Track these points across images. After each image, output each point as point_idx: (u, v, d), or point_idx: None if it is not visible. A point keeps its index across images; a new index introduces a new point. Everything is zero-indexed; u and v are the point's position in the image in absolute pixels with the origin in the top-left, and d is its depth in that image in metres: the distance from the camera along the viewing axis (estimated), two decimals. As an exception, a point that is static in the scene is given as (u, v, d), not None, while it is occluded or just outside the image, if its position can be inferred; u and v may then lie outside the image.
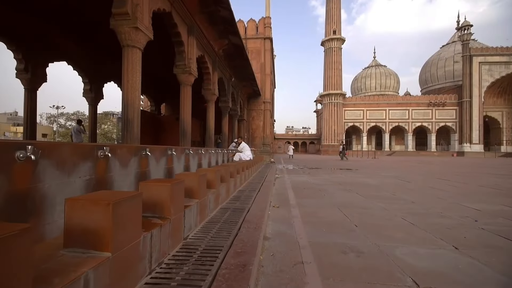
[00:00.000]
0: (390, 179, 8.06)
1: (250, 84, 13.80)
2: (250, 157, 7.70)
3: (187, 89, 6.12)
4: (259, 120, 16.53)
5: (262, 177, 7.23)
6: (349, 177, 8.62)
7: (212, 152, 6.05)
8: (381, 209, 3.90)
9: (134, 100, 4.14)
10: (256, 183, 6.05)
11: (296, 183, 6.98)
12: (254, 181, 6.38)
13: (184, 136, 6.14)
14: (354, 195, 5.11)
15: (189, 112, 6.20)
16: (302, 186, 6.29)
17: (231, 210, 3.30)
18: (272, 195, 4.99)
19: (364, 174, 9.55)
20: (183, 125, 6.15)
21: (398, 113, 46.77)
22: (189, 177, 2.59)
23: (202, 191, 2.67)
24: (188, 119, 6.21)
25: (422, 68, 58.27)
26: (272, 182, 6.48)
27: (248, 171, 6.53)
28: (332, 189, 5.89)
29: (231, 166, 4.65)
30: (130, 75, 4.05)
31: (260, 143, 16.47)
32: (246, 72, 11.60)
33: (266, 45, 16.58)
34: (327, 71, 48.11)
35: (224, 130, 10.73)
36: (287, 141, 64.21)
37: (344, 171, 11.27)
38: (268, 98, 16.73)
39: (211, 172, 3.26)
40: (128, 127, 4.18)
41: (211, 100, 8.48)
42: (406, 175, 9.27)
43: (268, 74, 16.80)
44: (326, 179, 7.83)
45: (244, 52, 9.08)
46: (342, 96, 47.64)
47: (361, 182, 7.24)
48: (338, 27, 47.52)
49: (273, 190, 5.62)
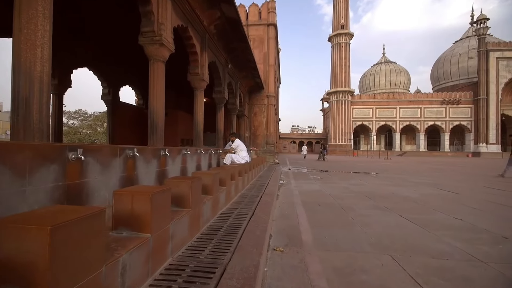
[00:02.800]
0: (429, 188, 6.26)
1: (251, 74, 12.07)
2: (246, 159, 6.01)
3: (157, 67, 4.46)
4: (262, 117, 14.79)
5: (262, 185, 5.52)
6: (373, 184, 6.85)
7: (188, 153, 4.38)
8: (472, 261, 2.16)
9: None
10: (252, 195, 4.34)
11: (306, 194, 5.25)
12: (250, 192, 4.67)
13: (155, 131, 4.49)
14: (399, 220, 3.36)
15: (161, 99, 4.55)
16: (315, 200, 4.56)
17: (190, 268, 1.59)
18: (273, 219, 3.28)
19: (390, 181, 7.76)
20: (153, 116, 4.50)
21: (409, 111, 44.51)
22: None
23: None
24: (160, 108, 4.55)
25: (434, 65, 55.77)
26: (275, 193, 4.76)
27: (242, 179, 4.83)
28: (360, 206, 4.14)
29: (208, 176, 2.99)
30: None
31: (263, 142, 14.72)
32: (245, 58, 9.88)
33: (270, 32, 14.81)
34: (335, 68, 46.12)
35: (218, 126, 9.03)
36: (292, 140, 62.35)
37: (361, 175, 9.48)
38: (272, 92, 14.97)
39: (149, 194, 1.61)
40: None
41: (199, 88, 6.80)
42: (443, 182, 7.45)
43: (272, 65, 15.03)
44: (345, 188, 6.08)
45: (241, 29, 7.38)
46: (350, 94, 45.60)
47: (394, 193, 5.48)
48: (346, 21, 45.48)
49: (276, 208, 3.91)
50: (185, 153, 4.37)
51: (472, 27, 50.26)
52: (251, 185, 5.64)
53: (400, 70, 53.73)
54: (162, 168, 3.56)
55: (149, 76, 4.56)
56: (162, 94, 4.63)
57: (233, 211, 3.27)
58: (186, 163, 4.47)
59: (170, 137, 11.49)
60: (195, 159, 4.91)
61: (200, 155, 4.85)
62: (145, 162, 3.04)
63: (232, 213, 3.16)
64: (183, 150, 4.40)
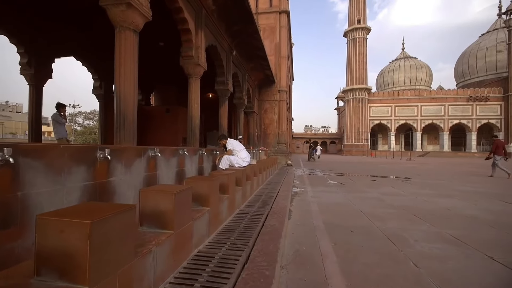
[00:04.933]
0: (489, 200, 4.75)
1: (260, 65, 10.76)
2: (247, 160, 4.70)
3: (126, 37, 3.25)
4: (273, 114, 13.43)
5: (270, 196, 4.22)
6: (412, 194, 5.38)
7: (185, 153, 3.17)
8: None
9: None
10: (254, 215, 3.06)
11: (329, 210, 3.90)
12: (251, 207, 3.38)
13: (122, 124, 3.28)
14: (497, 268, 1.98)
15: (131, 81, 3.34)
16: (344, 222, 3.22)
17: None
18: (282, 264, 1.98)
19: (430, 188, 6.25)
20: (120, 104, 3.28)
21: (431, 109, 41.70)
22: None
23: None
24: (130, 92, 3.34)
25: (458, 60, 52.31)
26: (286, 210, 3.45)
27: (242, 191, 3.55)
28: (415, 234, 2.76)
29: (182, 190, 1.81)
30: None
31: (274, 141, 13.36)
32: (253, 45, 8.61)
33: (282, 20, 13.44)
34: (351, 64, 44.01)
35: (221, 122, 7.79)
36: (306, 140, 60.54)
37: (391, 180, 7.97)
38: (284, 86, 13.59)
39: None
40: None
41: (194, 75, 5.59)
42: (498, 190, 5.87)
43: (284, 57, 13.65)
44: (378, 200, 4.68)
45: (246, 4, 6.10)
46: (367, 91, 43.33)
47: (450, 209, 4.03)
48: (363, 15, 43.29)
49: (287, 237, 2.61)
50: (154, 155, 3.15)
51: (500, 19, 46.69)
52: (256, 196, 4.35)
53: (421, 66, 50.61)
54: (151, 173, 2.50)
55: (115, 50, 3.37)
56: (133, 74, 3.42)
57: (214, 255, 2.00)
58: (156, 170, 3.26)
59: (170, 136, 10.42)
60: (174, 164, 3.69)
61: (184, 156, 3.61)
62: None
63: (212, 257, 1.89)
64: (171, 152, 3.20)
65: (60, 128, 5.89)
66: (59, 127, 5.88)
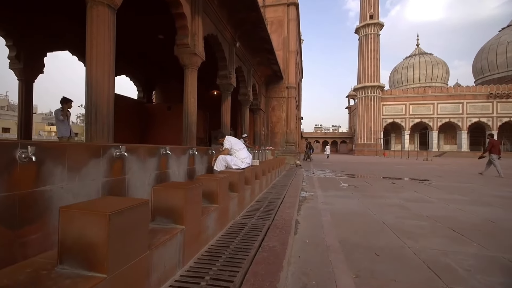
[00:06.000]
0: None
1: (267, 60, 10.12)
2: (247, 161, 4.04)
3: (99, 12, 2.70)
4: (280, 111, 12.75)
5: (274, 203, 3.58)
6: (441, 200, 4.63)
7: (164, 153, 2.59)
8: None
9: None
10: (251, 229, 2.44)
11: (345, 222, 3.24)
12: (250, 218, 2.76)
13: (94, 118, 2.72)
14: None
15: (104, 69, 2.78)
16: (365, 240, 2.55)
17: None
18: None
19: (459, 193, 5.46)
20: (91, 93, 2.72)
21: (449, 107, 39.84)
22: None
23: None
24: (103, 76, 2.77)
25: (476, 56, 49.96)
26: (292, 223, 2.81)
27: (238, 198, 2.94)
28: (463, 261, 2.08)
29: None
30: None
31: (282, 140, 12.68)
32: (258, 37, 7.97)
33: (291, 13, 12.74)
34: (362, 61, 42.65)
35: (224, 119, 7.20)
36: (316, 140, 59.40)
37: (414, 183, 7.18)
38: (292, 82, 12.89)
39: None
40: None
41: (191, 66, 5.00)
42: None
43: (293, 52, 12.93)
44: (401, 208, 3.97)
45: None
46: (380, 89, 41.88)
47: (496, 222, 3.29)
48: (376, 10, 41.87)
49: (291, 263, 1.97)
50: (120, 154, 2.59)
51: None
52: (258, 202, 3.73)
53: (437, 62, 48.52)
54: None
55: (86, 29, 2.82)
56: (107, 57, 2.86)
57: None
58: (122, 174, 2.69)
59: (172, 134, 9.92)
60: (153, 167, 3.12)
61: (167, 157, 3.03)
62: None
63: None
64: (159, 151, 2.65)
65: (61, 125, 5.40)
66: (60, 125, 5.40)
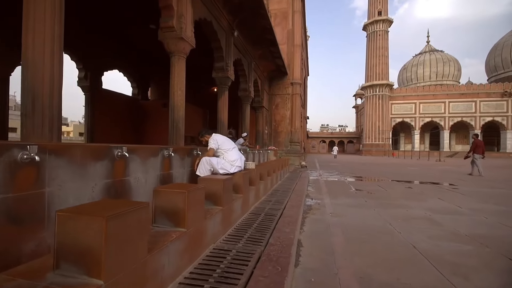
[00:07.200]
0: None
1: (270, 52, 9.37)
2: (238, 164, 3.27)
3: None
4: (284, 109, 11.98)
5: (271, 218, 2.85)
6: (475, 211, 3.82)
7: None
8: None
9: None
10: (233, 263, 1.69)
11: (362, 243, 2.48)
12: (233, 244, 2.04)
13: (31, 110, 2.07)
14: None
15: (47, 46, 2.12)
16: (394, 278, 1.79)
17: None
18: None
19: (501, 202, 4.63)
20: (28, 79, 2.05)
21: (461, 106, 38.36)
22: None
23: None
24: (44, 60, 2.12)
25: (489, 53, 48.15)
26: (290, 250, 2.07)
27: (221, 214, 2.23)
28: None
29: None
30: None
31: (286, 140, 11.90)
32: (259, 25, 7.23)
33: (296, 4, 11.96)
34: (370, 59, 41.48)
35: (221, 116, 6.49)
36: (322, 140, 58.30)
37: (435, 188, 6.35)
38: (297, 78, 12.10)
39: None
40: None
41: (177, 53, 4.31)
42: None
43: (298, 45, 12.15)
44: (430, 221, 3.19)
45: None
46: (388, 87, 40.64)
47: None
48: (384, 7, 40.68)
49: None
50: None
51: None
52: (251, 214, 3.00)
53: (449, 60, 46.87)
54: None
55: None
56: (51, 31, 2.18)
57: None
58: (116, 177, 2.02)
59: (168, 132, 9.28)
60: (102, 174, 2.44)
61: (124, 159, 2.33)
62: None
63: None
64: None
65: None
66: None
